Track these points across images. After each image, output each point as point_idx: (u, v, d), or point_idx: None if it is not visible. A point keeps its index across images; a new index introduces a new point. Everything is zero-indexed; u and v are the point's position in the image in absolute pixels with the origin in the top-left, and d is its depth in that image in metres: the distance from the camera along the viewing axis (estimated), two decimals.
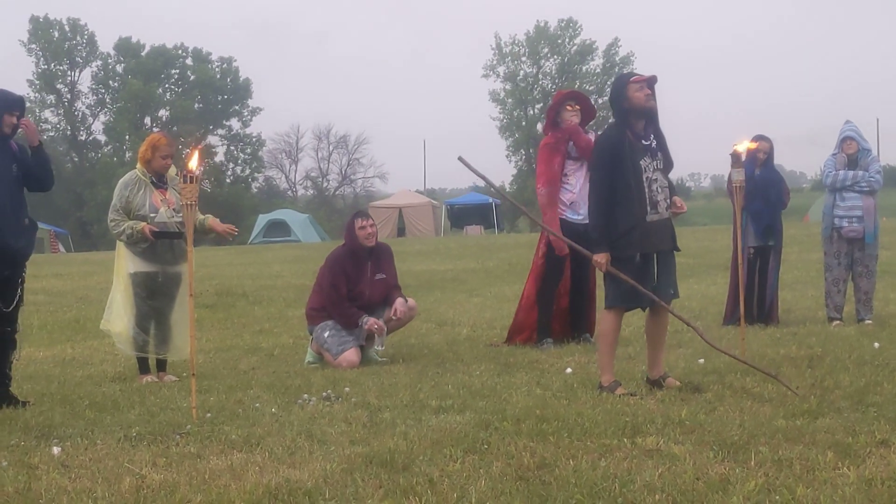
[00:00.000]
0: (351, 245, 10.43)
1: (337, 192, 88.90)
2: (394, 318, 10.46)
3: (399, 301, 10.47)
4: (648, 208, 7.96)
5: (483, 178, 9.36)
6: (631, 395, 7.83)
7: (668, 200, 8.09)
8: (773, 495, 5.16)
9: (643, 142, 8.02)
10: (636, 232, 7.94)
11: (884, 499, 5.04)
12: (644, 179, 7.95)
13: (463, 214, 64.83)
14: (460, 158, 8.62)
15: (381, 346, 10.41)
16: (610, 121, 8.29)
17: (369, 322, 10.24)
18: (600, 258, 7.98)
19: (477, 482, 5.53)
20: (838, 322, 12.03)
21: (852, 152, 12.19)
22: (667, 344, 8.81)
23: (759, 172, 12.36)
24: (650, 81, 8.11)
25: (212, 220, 9.76)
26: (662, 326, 8.41)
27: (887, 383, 7.91)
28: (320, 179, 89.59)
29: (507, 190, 75.61)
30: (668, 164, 8.17)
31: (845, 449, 5.99)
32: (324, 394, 8.32)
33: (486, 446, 6.30)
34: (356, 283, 10.37)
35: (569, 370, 9.15)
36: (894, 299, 14.68)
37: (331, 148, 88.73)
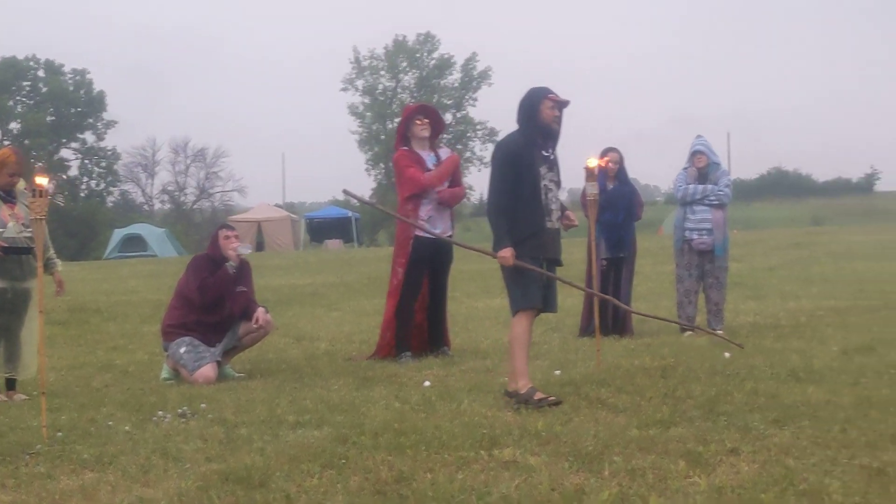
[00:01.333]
0: (214, 255, 10.33)
1: (195, 206, 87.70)
2: (255, 325, 10.35)
3: (260, 310, 10.38)
4: (545, 215, 8.06)
5: (371, 205, 9.34)
6: (552, 403, 7.83)
7: (561, 213, 8.19)
8: None
9: (543, 152, 8.12)
10: (537, 237, 8.04)
11: None
12: (542, 187, 8.04)
13: (322, 228, 64.52)
14: (345, 191, 8.55)
15: (248, 248, 10.44)
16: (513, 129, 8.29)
17: (229, 255, 10.32)
18: (506, 253, 7.97)
19: (334, 497, 5.51)
20: (690, 333, 12.29)
21: (702, 166, 12.46)
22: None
23: (613, 186, 12.58)
24: (562, 104, 8.19)
25: (59, 275, 9.69)
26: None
27: (737, 392, 8.09)
28: (177, 193, 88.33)
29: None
30: (559, 182, 8.28)
31: (696, 457, 6.12)
32: (179, 410, 8.20)
33: (343, 461, 6.29)
34: (217, 292, 10.26)
35: (427, 383, 9.17)
36: (744, 310, 15.05)
37: (188, 161, 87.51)
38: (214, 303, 10.23)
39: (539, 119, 8.11)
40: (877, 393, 7.91)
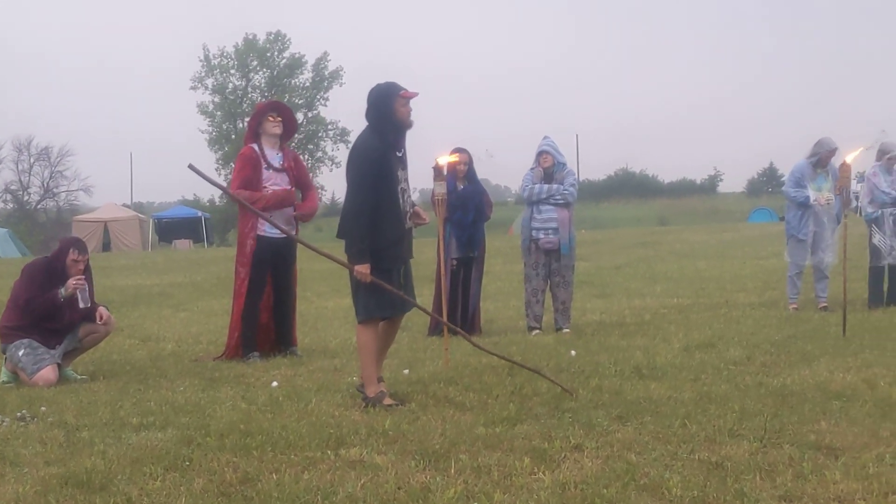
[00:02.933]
0: (56, 265, 10.02)
1: (39, 206, 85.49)
2: (100, 322, 10.11)
3: (102, 308, 10.14)
4: (404, 219, 8.02)
5: (214, 183, 9.12)
6: (398, 404, 7.82)
7: (412, 211, 8.15)
8: (471, 502, 5.28)
9: (397, 153, 8.01)
10: (401, 244, 8.01)
11: (576, 501, 5.23)
12: (399, 190, 7.97)
13: (171, 228, 63.69)
14: (190, 166, 8.29)
15: (84, 303, 10.06)
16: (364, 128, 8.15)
17: (68, 284, 9.85)
18: (363, 269, 7.82)
19: (177, 500, 5.43)
20: (537, 331, 12.43)
21: (548, 166, 12.61)
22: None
23: (463, 186, 12.65)
24: (412, 98, 8.13)
25: None
26: (393, 336, 8.47)
27: (582, 389, 8.21)
28: (21, 193, 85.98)
29: (217, 204, 74.66)
30: (408, 181, 8.23)
31: (541, 454, 6.19)
32: (18, 414, 7.98)
33: (188, 463, 6.20)
34: (44, 312, 9.97)
35: (275, 384, 9.10)
36: (591, 309, 15.30)
37: (32, 160, 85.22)
38: (43, 318, 9.96)
39: (394, 117, 7.96)
40: (716, 389, 8.10)
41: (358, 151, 8.06)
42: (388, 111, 7.97)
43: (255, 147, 11.02)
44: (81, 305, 9.98)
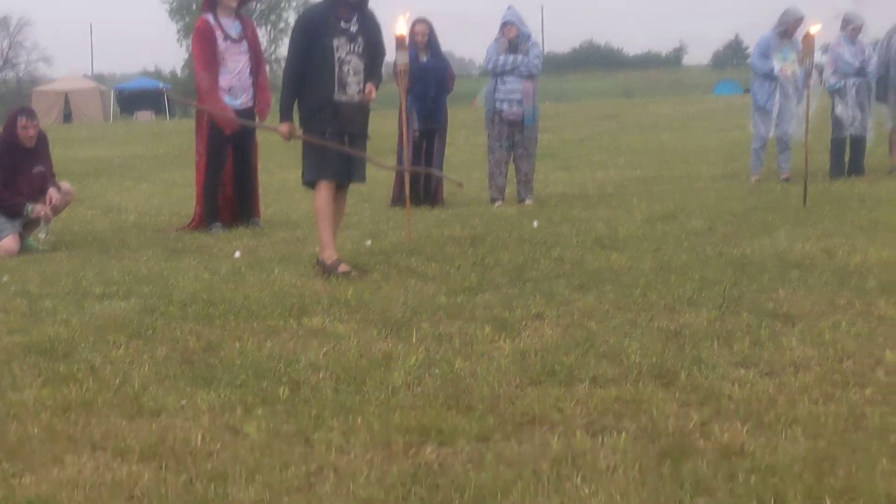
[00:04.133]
0: (10, 140, 9.91)
1: None
2: (49, 205, 10.02)
3: (52, 190, 10.00)
4: (336, 88, 7.95)
5: (192, 105, 9.03)
6: (355, 272, 7.85)
7: (362, 85, 8.08)
8: (432, 369, 5.33)
9: (342, 23, 7.95)
10: (326, 110, 7.96)
11: (536, 368, 5.29)
12: (336, 59, 7.91)
13: (133, 100, 62.98)
14: (168, 94, 8.28)
15: (45, 233, 10.03)
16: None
17: (36, 209, 9.81)
18: (283, 128, 8.05)
19: (141, 368, 5.45)
20: (500, 202, 12.44)
21: (513, 37, 12.48)
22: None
23: (426, 58, 12.52)
24: None
25: None
26: (342, 208, 8.47)
27: (544, 259, 8.25)
28: None
29: (179, 76, 73.68)
30: (375, 53, 8.17)
31: (502, 323, 6.25)
32: None
33: (150, 331, 6.22)
34: (13, 177, 9.88)
35: (237, 254, 9.10)
36: (554, 180, 15.32)
37: None
38: (6, 182, 9.85)
39: None
40: (676, 259, 8.16)
41: (299, 17, 8.46)
42: None
43: (210, 18, 10.79)
44: (42, 236, 9.99)
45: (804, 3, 13.84)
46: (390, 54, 9.06)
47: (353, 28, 8.02)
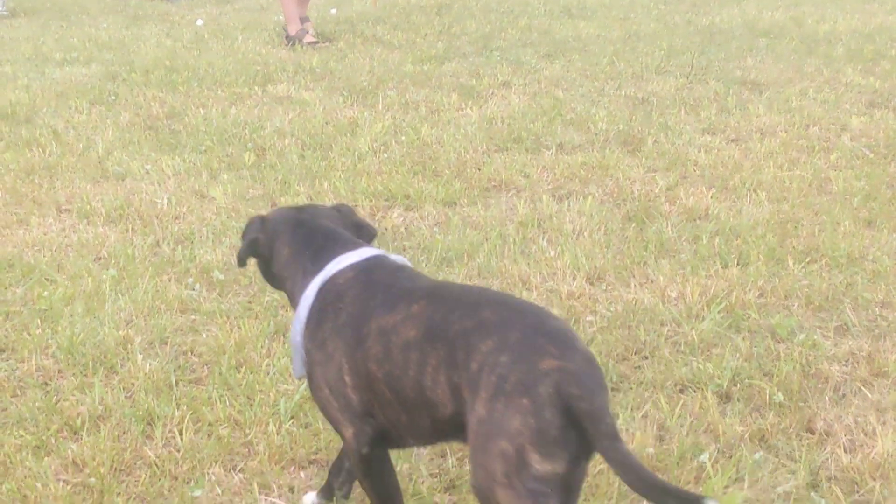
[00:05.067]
0: None
1: None
2: None
3: None
4: None
5: None
6: (321, 42, 7.73)
7: None
8: (399, 136, 5.30)
9: None
10: None
11: (503, 135, 5.27)
12: None
13: None
14: None
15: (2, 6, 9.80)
16: None
17: None
18: None
19: (104, 133, 5.40)
20: None
21: None
22: None
23: None
24: None
25: None
26: None
27: (511, 29, 8.15)
28: None
29: None
30: None
31: (469, 91, 6.20)
32: None
33: (113, 97, 6.14)
34: None
35: (200, 22, 8.93)
36: None
37: None
38: None
39: None
40: (645, 27, 8.09)
41: None
42: None
43: None
44: (1, 3, 9.75)
45: None
46: None
47: None
